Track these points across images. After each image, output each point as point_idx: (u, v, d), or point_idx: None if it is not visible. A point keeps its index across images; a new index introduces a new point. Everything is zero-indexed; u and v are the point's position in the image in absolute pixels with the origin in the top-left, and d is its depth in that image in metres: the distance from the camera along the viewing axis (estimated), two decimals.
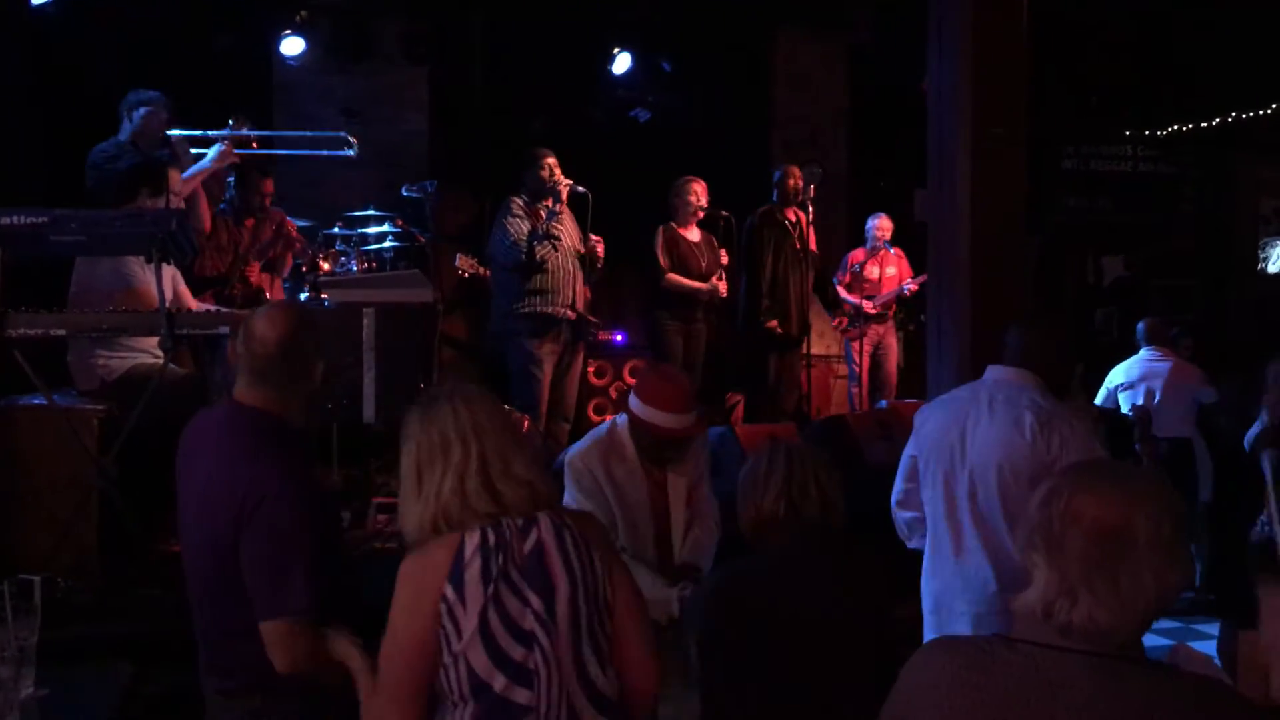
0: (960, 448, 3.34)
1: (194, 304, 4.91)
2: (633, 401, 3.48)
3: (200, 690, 2.74)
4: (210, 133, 5.58)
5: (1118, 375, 7.11)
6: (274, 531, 2.48)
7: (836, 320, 8.17)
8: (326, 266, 6.42)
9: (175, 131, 5.45)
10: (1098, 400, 7.10)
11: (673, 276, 6.83)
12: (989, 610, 3.27)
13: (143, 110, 5.36)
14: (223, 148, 5.44)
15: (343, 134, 6.10)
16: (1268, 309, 9.84)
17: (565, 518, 2.30)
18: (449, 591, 2.17)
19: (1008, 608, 3.17)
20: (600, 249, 6.43)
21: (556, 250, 6.20)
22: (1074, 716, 1.72)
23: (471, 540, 2.21)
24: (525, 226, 6.20)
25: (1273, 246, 10.72)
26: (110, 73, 6.79)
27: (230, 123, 5.68)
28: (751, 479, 2.83)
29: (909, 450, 3.57)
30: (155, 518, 4.69)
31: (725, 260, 6.99)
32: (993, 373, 3.44)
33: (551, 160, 6.29)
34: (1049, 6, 4.64)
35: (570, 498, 3.50)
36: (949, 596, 3.37)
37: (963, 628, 3.30)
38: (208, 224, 5.73)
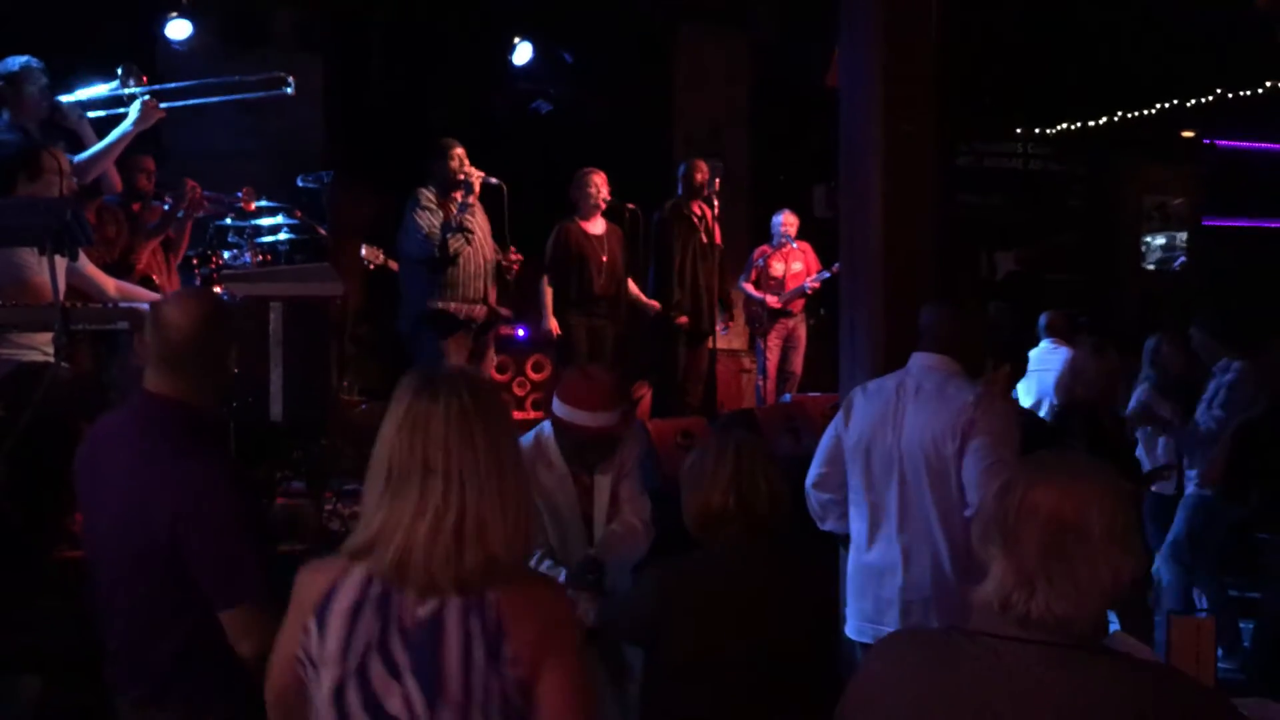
0: (891, 434, 3.39)
1: (112, 286, 4.64)
2: (555, 405, 3.46)
3: (110, 703, 2.63)
4: (120, 89, 5.24)
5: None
6: (221, 523, 2.43)
7: (753, 309, 8.13)
8: (253, 206, 6.22)
9: (69, 98, 5.12)
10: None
11: (548, 296, 6.76)
12: (918, 596, 3.33)
13: (17, 84, 4.93)
14: (145, 104, 5.09)
15: (278, 73, 5.76)
16: (1149, 302, 10.24)
17: (489, 594, 1.88)
18: (310, 623, 1.91)
19: (949, 595, 3.24)
20: (517, 267, 6.39)
21: (469, 243, 6.10)
22: (1035, 707, 1.74)
23: (353, 576, 1.91)
24: (437, 219, 6.09)
25: (1151, 242, 11.15)
26: None
27: (119, 71, 5.36)
28: (698, 472, 2.78)
29: (831, 433, 3.60)
30: (48, 524, 4.48)
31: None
32: (918, 360, 3.50)
33: (460, 151, 6.19)
34: (945, 7, 4.75)
35: None
36: (875, 581, 3.42)
37: (892, 613, 3.35)
38: (119, 184, 5.44)
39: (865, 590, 3.46)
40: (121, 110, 5.27)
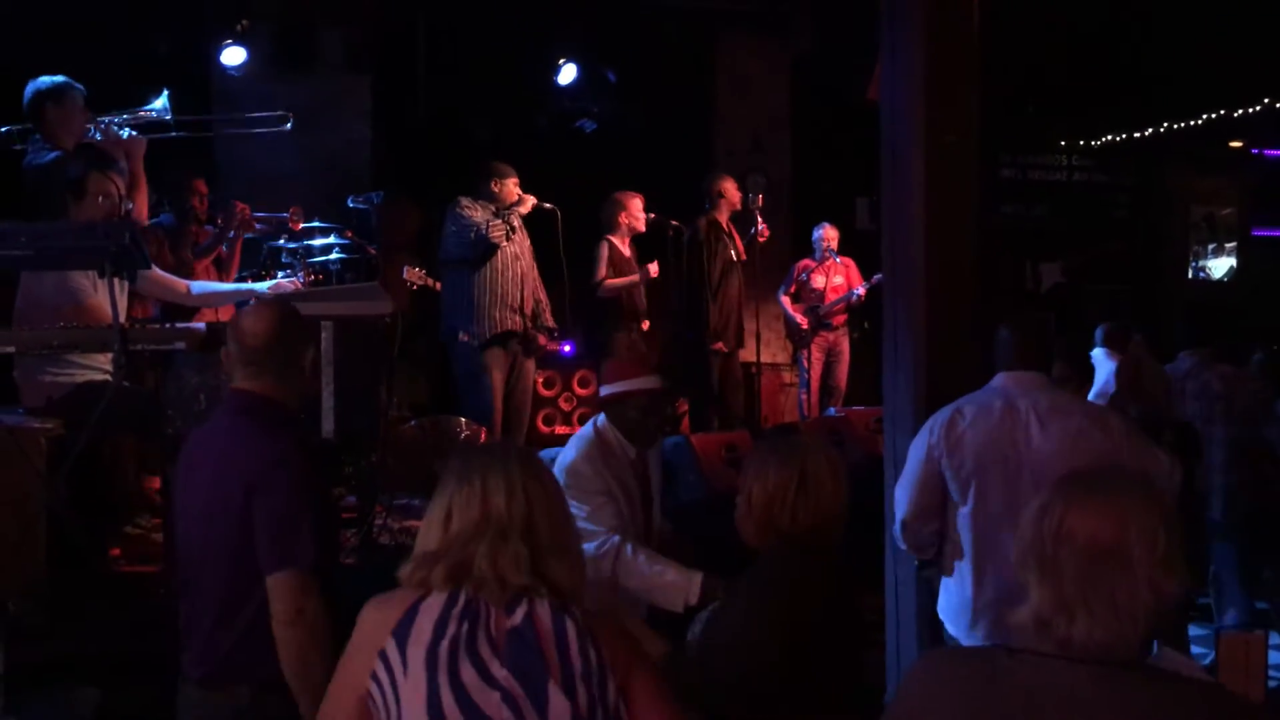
0: (1017, 458, 3.24)
1: (183, 288, 4.83)
2: (606, 389, 3.76)
3: (175, 698, 2.72)
4: (144, 110, 5.39)
5: None
6: (287, 489, 2.60)
7: (804, 322, 8.15)
8: (299, 226, 6.39)
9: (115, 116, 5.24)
10: None
11: (609, 282, 6.90)
12: None
13: (54, 100, 4.91)
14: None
15: (280, 113, 6.03)
16: (1195, 314, 10.10)
17: (571, 607, 1.99)
18: (389, 646, 1.94)
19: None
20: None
21: (510, 240, 6.19)
22: None
23: (432, 598, 1.97)
24: (481, 215, 6.21)
25: (1208, 257, 11.01)
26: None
27: (164, 92, 5.47)
28: (817, 479, 2.59)
29: (926, 463, 3.36)
30: (103, 538, 4.59)
31: (654, 272, 7.08)
32: (1010, 379, 3.40)
33: (515, 180, 6.35)
34: (988, 18, 4.74)
35: (575, 507, 3.51)
36: (1000, 616, 3.14)
37: None
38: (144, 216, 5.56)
39: (996, 628, 3.15)
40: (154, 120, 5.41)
